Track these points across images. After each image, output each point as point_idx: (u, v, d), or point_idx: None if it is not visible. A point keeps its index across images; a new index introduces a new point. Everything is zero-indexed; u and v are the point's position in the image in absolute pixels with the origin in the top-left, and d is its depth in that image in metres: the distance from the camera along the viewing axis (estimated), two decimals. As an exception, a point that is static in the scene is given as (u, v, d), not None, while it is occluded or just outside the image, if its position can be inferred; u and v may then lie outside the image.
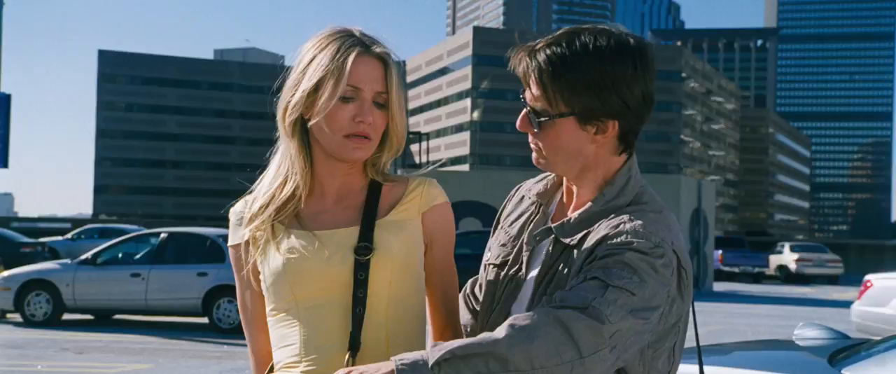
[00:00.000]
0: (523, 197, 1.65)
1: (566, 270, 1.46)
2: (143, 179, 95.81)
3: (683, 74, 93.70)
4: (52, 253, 23.33)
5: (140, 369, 8.04)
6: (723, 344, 3.88)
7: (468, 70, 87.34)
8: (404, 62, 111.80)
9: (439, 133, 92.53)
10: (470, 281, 1.71)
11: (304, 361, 1.48)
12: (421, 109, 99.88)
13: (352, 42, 1.51)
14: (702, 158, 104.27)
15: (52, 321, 11.22)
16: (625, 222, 1.43)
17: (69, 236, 27.25)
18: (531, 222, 1.58)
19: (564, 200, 1.57)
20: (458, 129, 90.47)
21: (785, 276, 28.91)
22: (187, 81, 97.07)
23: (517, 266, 1.54)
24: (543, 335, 1.29)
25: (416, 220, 1.55)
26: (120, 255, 11.59)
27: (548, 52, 1.47)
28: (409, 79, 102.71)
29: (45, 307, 11.28)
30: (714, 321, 14.13)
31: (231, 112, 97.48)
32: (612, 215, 1.46)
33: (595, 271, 1.38)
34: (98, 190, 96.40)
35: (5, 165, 12.53)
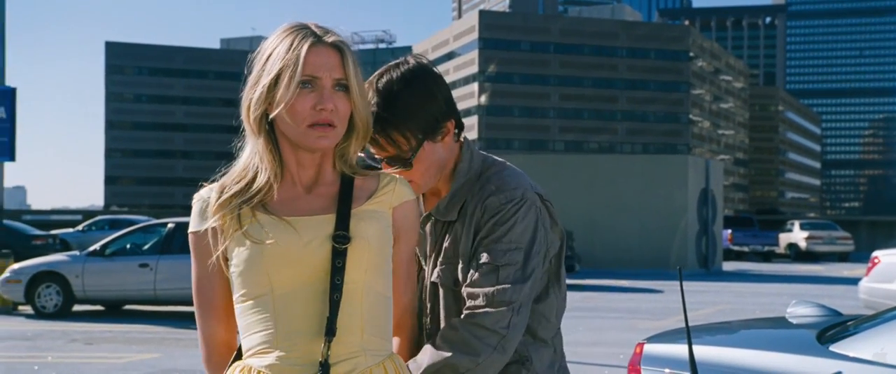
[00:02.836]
0: None
1: (452, 243, 1.77)
2: (152, 169, 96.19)
3: (691, 54, 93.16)
4: (63, 245, 23.47)
5: (148, 358, 8.11)
6: (715, 323, 3.89)
7: (475, 54, 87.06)
8: (411, 48, 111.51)
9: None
10: None
11: (278, 347, 1.49)
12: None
13: (305, 34, 1.54)
14: (711, 138, 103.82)
15: (63, 313, 11.32)
16: (487, 187, 1.75)
17: (80, 227, 27.42)
18: None
19: (427, 194, 1.86)
20: (466, 113, 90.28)
21: (795, 254, 28.85)
22: (194, 70, 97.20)
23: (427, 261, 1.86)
24: (473, 342, 1.66)
25: (388, 212, 1.59)
26: (128, 246, 11.66)
27: (372, 108, 1.69)
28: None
29: (55, 299, 11.38)
30: (722, 300, 14.13)
31: (238, 101, 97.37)
32: (475, 185, 1.77)
33: (482, 255, 1.71)
34: (109, 181, 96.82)
35: (12, 158, 12.57)
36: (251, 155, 1.58)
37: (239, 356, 1.56)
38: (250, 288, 1.52)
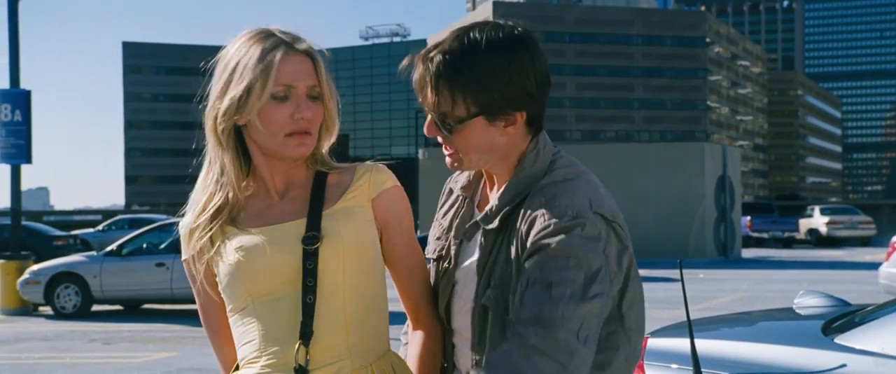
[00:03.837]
0: (451, 190, 1.66)
1: (502, 256, 1.49)
2: (171, 168, 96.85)
3: (708, 40, 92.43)
4: (84, 245, 23.65)
5: (166, 357, 8.16)
6: (719, 316, 3.85)
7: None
8: (426, 40, 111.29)
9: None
10: None
11: (264, 355, 1.49)
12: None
13: (274, 41, 1.51)
14: (729, 124, 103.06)
15: (82, 313, 11.42)
16: (538, 204, 1.44)
17: (100, 227, 27.64)
18: (459, 214, 1.60)
19: (487, 187, 1.59)
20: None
21: (816, 240, 28.60)
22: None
23: (448, 260, 1.57)
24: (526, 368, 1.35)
25: (366, 207, 1.55)
26: (144, 245, 11.73)
27: (441, 56, 1.48)
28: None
29: (74, 299, 11.48)
30: (741, 288, 14.02)
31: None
32: (529, 195, 1.48)
33: (532, 274, 1.40)
34: (129, 181, 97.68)
35: (29, 160, 12.66)
36: (212, 166, 1.56)
37: (238, 368, 1.56)
38: (234, 302, 1.53)
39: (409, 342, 1.63)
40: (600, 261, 1.40)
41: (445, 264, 1.57)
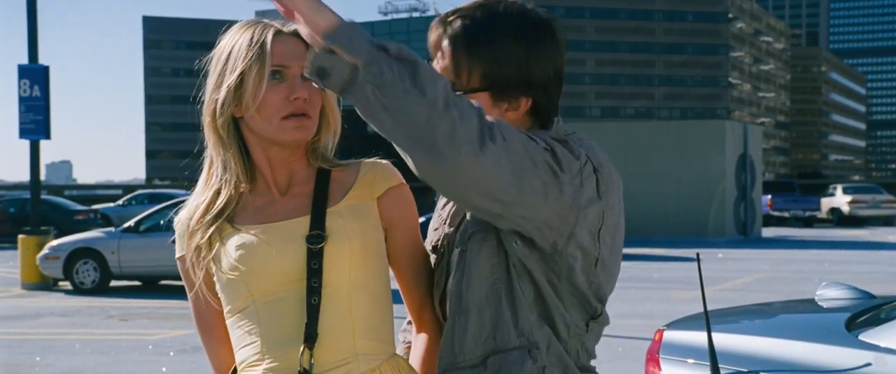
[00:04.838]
0: None
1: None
2: (191, 143, 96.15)
3: (730, 15, 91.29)
4: (104, 220, 23.87)
5: (181, 334, 8.19)
6: (739, 307, 3.76)
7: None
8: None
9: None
10: None
11: (266, 358, 1.43)
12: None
13: (265, 25, 1.46)
14: (751, 101, 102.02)
15: (101, 289, 11.50)
16: None
17: (120, 202, 27.84)
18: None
19: None
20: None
21: (838, 219, 28.31)
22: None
23: (443, 250, 1.52)
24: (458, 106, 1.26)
25: (371, 204, 1.49)
26: (161, 222, 11.76)
27: (462, 21, 1.43)
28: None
29: (93, 275, 11.56)
30: (760, 268, 13.89)
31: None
32: None
33: None
34: (150, 155, 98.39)
35: (47, 136, 12.71)
36: (217, 167, 1.50)
37: (236, 371, 1.51)
38: (234, 302, 1.47)
39: (412, 344, 1.58)
40: (569, 168, 1.35)
41: (440, 255, 1.52)
